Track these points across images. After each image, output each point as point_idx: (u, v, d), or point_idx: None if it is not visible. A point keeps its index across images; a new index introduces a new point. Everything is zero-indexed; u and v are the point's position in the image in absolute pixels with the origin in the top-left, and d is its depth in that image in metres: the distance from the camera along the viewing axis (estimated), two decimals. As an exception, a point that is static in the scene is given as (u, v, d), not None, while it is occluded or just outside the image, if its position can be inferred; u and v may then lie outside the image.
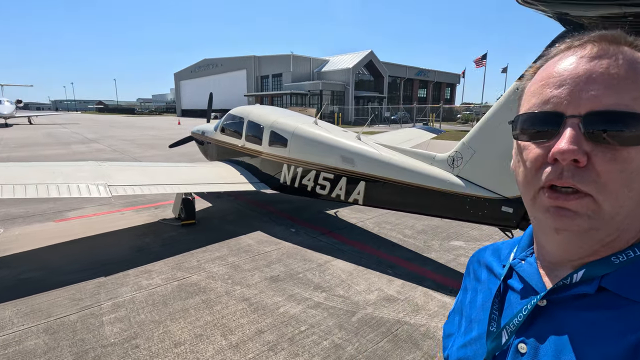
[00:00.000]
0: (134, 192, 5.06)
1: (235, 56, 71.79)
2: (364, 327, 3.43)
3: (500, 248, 0.86)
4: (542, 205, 0.60)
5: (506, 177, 3.85)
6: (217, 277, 4.42)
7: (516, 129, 0.65)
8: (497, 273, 0.80)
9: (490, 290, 0.77)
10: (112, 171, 5.49)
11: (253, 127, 6.96)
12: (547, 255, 0.67)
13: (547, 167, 0.59)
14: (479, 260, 0.89)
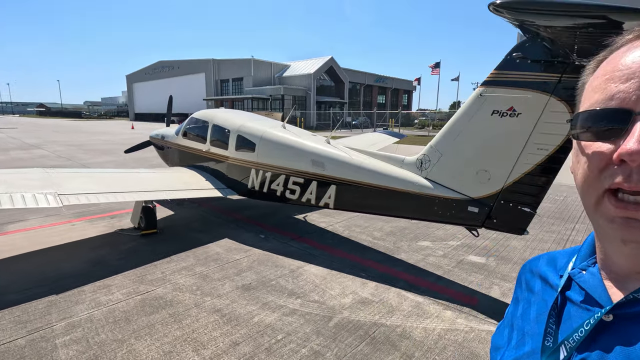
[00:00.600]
0: (88, 201, 4.66)
1: (193, 59, 69.72)
2: (341, 332, 3.40)
3: (556, 257, 0.80)
4: (608, 214, 0.54)
5: (471, 178, 4.02)
6: (184, 289, 4.18)
7: (576, 127, 0.60)
8: (554, 284, 0.74)
9: (546, 302, 0.72)
10: (62, 179, 5.03)
11: (218, 131, 6.74)
12: (614, 266, 0.61)
13: (612, 170, 0.53)
14: (531, 270, 0.83)
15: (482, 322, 3.58)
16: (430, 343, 3.24)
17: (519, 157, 3.67)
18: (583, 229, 6.54)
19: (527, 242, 5.80)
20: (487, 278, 4.56)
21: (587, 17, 2.20)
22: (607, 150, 0.54)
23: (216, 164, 6.79)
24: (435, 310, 3.79)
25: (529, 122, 3.55)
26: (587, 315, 0.61)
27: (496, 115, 3.71)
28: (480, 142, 3.89)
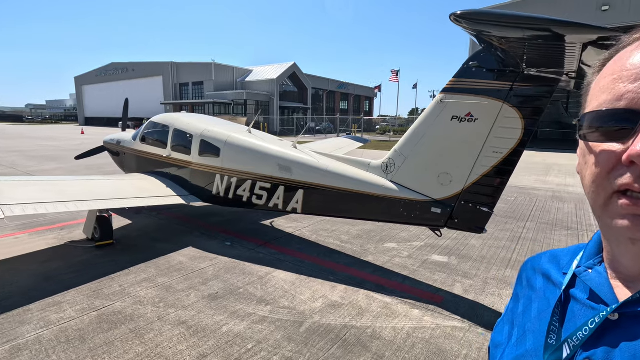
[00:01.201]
0: (35, 212, 4.28)
1: (150, 61, 66.93)
2: (313, 337, 3.38)
3: (559, 255, 0.80)
4: (617, 212, 0.54)
5: (434, 180, 4.19)
6: (146, 302, 3.95)
7: (583, 127, 0.59)
8: (557, 281, 0.73)
9: (548, 300, 0.72)
10: (4, 187, 4.59)
11: (180, 136, 6.50)
12: (621, 265, 0.61)
13: (621, 170, 0.53)
14: (533, 267, 0.83)
15: (447, 319, 3.73)
16: (400, 342, 3.32)
17: (477, 160, 3.88)
18: (533, 227, 7.04)
19: (485, 240, 6.14)
20: (449, 276, 4.76)
21: (534, 30, 2.41)
22: (616, 151, 0.53)
23: (178, 170, 6.54)
24: (403, 310, 3.89)
25: (485, 127, 3.77)
26: (592, 313, 0.61)
27: (455, 121, 3.91)
28: (442, 145, 4.07)
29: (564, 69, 3.12)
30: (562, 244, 6.04)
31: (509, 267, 5.08)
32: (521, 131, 3.63)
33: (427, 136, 4.17)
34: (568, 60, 2.82)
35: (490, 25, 2.50)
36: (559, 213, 8.14)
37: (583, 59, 2.54)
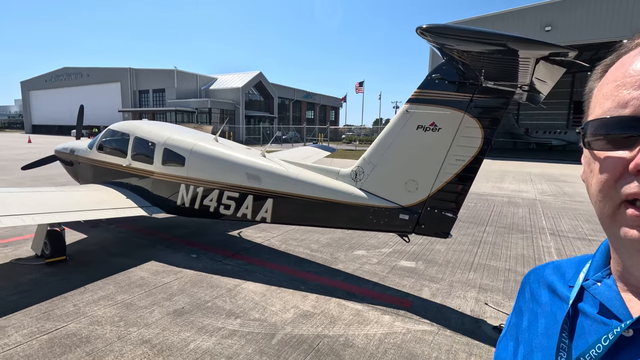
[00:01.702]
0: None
1: (107, 67, 63.81)
2: (285, 348, 3.31)
3: (563, 266, 0.76)
4: (625, 223, 0.53)
5: (401, 187, 4.30)
6: (104, 322, 3.69)
7: (586, 136, 0.58)
8: (563, 295, 0.70)
9: (555, 315, 0.68)
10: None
11: (142, 144, 6.22)
12: (632, 277, 0.58)
13: (628, 179, 0.51)
14: (537, 279, 0.79)
15: (417, 323, 3.81)
16: (372, 349, 3.34)
17: (441, 168, 4.04)
18: (492, 230, 7.43)
19: (449, 245, 6.38)
20: (417, 281, 4.88)
21: (492, 45, 2.58)
22: (623, 159, 0.52)
23: (139, 180, 6.23)
24: (374, 316, 3.92)
25: (448, 136, 3.95)
26: (603, 329, 0.58)
27: (420, 130, 4.06)
28: (408, 154, 4.20)
29: (518, 82, 3.35)
30: (518, 247, 6.41)
31: (472, 270, 5.30)
32: (481, 140, 3.84)
33: (394, 145, 4.29)
34: (522, 74, 3.04)
35: (452, 39, 2.64)
36: (514, 217, 8.65)
37: (535, 74, 2.75)
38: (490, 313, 4.04)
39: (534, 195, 11.74)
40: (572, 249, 6.38)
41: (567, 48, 2.19)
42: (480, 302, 4.31)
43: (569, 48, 2.19)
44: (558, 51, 2.21)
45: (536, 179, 15.76)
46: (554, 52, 2.22)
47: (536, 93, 3.52)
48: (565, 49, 2.21)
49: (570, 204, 10.39)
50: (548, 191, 12.69)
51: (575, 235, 7.25)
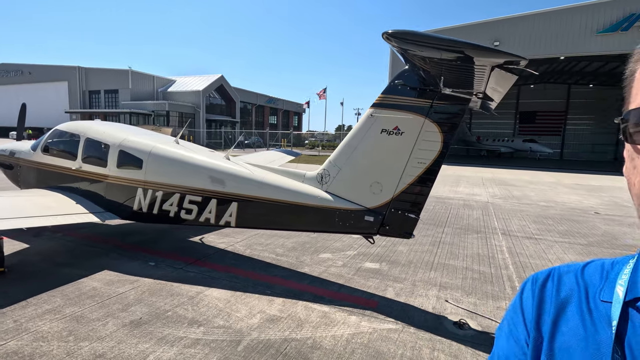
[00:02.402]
0: None
1: (53, 64, 59.35)
2: (252, 354, 3.23)
3: (589, 274, 0.63)
4: None
5: (366, 190, 4.39)
6: (50, 337, 3.38)
7: (628, 127, 0.50)
8: (600, 312, 0.57)
9: (596, 340, 0.55)
10: None
11: (94, 146, 5.83)
12: None
13: None
14: (550, 299, 0.64)
15: (383, 322, 3.88)
16: (340, 349, 3.35)
17: (404, 170, 4.18)
18: (450, 231, 7.79)
19: (410, 246, 6.59)
20: (382, 281, 4.99)
21: (452, 51, 2.73)
22: None
23: (90, 184, 5.83)
24: (341, 318, 3.94)
25: (410, 140, 4.10)
26: None
27: (384, 134, 4.19)
28: (373, 157, 4.31)
29: (474, 90, 3.57)
30: (474, 246, 6.77)
31: (432, 269, 5.51)
32: (441, 144, 4.03)
33: (359, 148, 4.38)
34: (477, 82, 3.25)
35: (416, 45, 2.76)
36: (469, 219, 9.14)
37: (490, 82, 2.95)
38: (450, 309, 4.22)
39: (486, 199, 12.48)
40: (522, 247, 6.85)
41: (520, 56, 2.38)
42: (441, 299, 4.49)
43: (521, 57, 2.38)
44: (512, 59, 2.39)
45: (488, 183, 16.79)
46: (508, 59, 2.41)
47: (489, 101, 3.78)
48: (518, 57, 2.40)
49: (519, 206, 11.18)
50: (499, 194, 13.56)
51: (523, 234, 7.79)
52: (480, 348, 3.43)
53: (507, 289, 4.87)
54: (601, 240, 7.52)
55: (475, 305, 4.33)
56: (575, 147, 43.82)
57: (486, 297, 4.57)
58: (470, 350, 3.40)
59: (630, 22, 24.03)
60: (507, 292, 4.77)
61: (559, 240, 7.38)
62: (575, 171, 25.11)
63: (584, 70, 35.77)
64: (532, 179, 19.14)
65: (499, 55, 2.41)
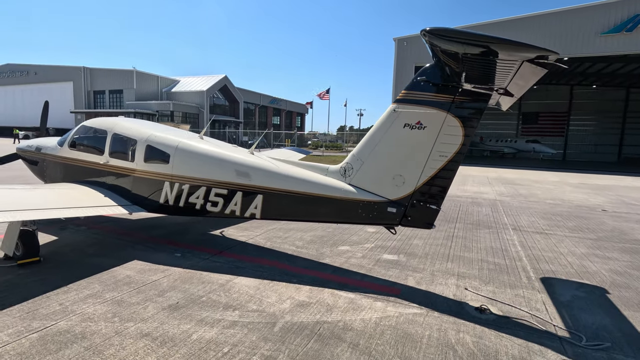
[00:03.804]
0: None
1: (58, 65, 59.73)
2: (288, 335, 3.42)
3: None
4: None
5: (389, 182, 4.58)
6: (96, 318, 3.58)
7: None
8: None
9: None
10: None
11: (121, 141, 6.03)
12: None
13: None
14: None
15: (408, 307, 4.06)
16: (370, 331, 3.54)
17: (426, 163, 4.37)
18: (462, 227, 7.96)
19: (425, 240, 6.77)
20: (402, 271, 5.17)
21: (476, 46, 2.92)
22: None
23: (117, 178, 6.04)
24: (368, 303, 4.13)
25: (432, 134, 4.29)
26: None
27: (407, 128, 4.38)
28: (395, 150, 4.50)
29: (495, 86, 3.76)
30: (486, 240, 6.95)
31: (449, 260, 5.70)
32: (462, 137, 4.21)
33: (382, 142, 4.57)
34: (501, 77, 3.43)
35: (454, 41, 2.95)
36: (479, 215, 9.31)
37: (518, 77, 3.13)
38: (470, 297, 4.40)
39: (493, 196, 12.65)
40: (533, 241, 7.02)
41: (552, 51, 2.56)
42: (460, 287, 4.67)
43: (553, 51, 2.56)
44: (544, 53, 2.58)
45: (494, 182, 16.95)
46: (540, 54, 2.59)
47: (509, 96, 3.96)
48: (550, 51, 2.58)
49: (527, 204, 11.34)
50: (506, 192, 13.72)
51: (533, 230, 7.96)
52: (503, 331, 3.61)
53: (523, 278, 5.05)
54: (610, 235, 7.69)
55: (494, 293, 4.51)
56: (578, 147, 43.91)
57: (504, 286, 4.75)
58: (494, 332, 3.58)
59: (635, 23, 24.16)
60: (524, 281, 4.95)
61: (569, 235, 7.55)
62: (579, 171, 25.23)
63: (587, 72, 35.85)
64: (538, 178, 19.30)
65: (531, 50, 2.60)
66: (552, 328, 3.71)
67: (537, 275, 5.21)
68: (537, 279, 5.07)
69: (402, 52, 30.79)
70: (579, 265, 5.71)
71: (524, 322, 3.82)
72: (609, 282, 5.02)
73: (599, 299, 4.50)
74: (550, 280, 5.03)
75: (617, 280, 5.13)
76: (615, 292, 4.69)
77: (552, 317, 3.93)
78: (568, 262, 5.85)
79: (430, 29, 2.73)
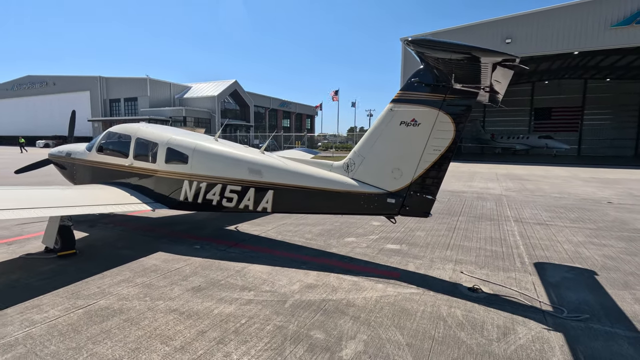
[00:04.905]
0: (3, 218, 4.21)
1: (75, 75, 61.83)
2: (297, 310, 3.87)
3: None
4: None
5: (388, 176, 4.99)
6: (130, 298, 4.10)
7: None
8: None
9: None
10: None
11: (144, 145, 6.61)
12: None
13: None
14: None
15: (406, 288, 4.47)
16: (371, 306, 3.96)
17: (421, 157, 4.77)
18: (464, 220, 8.29)
19: (427, 231, 7.14)
20: (403, 258, 5.57)
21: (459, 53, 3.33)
22: None
23: (140, 178, 6.61)
24: (369, 285, 4.55)
25: (426, 130, 4.69)
26: None
27: (403, 125, 4.79)
28: (393, 146, 4.91)
29: (481, 84, 4.15)
30: (487, 231, 7.28)
31: (448, 249, 6.07)
32: (453, 132, 4.60)
33: (381, 139, 5.00)
34: (483, 77, 3.83)
35: (431, 49, 3.39)
36: (483, 209, 9.61)
37: (494, 77, 3.53)
38: (465, 279, 4.78)
39: (499, 192, 12.87)
40: (533, 231, 7.32)
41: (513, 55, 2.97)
42: (456, 271, 5.05)
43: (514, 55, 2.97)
44: (507, 57, 2.99)
45: (502, 178, 17.10)
46: (505, 58, 3.00)
47: (495, 93, 4.34)
48: (512, 55, 2.99)
49: (532, 198, 11.55)
50: (512, 188, 13.91)
51: (535, 221, 8.23)
52: (492, 306, 3.99)
53: (517, 263, 5.39)
54: (611, 225, 7.90)
55: (488, 276, 4.87)
56: (594, 142, 43.18)
57: (497, 270, 5.11)
58: (483, 307, 3.96)
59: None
60: (517, 265, 5.29)
61: (569, 226, 7.80)
62: (593, 166, 25.00)
63: (600, 65, 35.38)
64: (547, 174, 19.32)
65: (496, 55, 3.00)
66: (537, 304, 4.07)
67: (531, 260, 5.54)
68: (530, 263, 5.40)
69: (409, 52, 31.03)
70: (573, 251, 6.01)
71: (512, 299, 4.19)
72: (600, 266, 5.32)
73: (587, 280, 4.82)
74: (543, 265, 5.36)
75: (608, 264, 5.42)
76: (604, 274, 4.99)
77: (539, 295, 4.29)
78: (564, 249, 6.15)
79: (412, 39, 3.16)
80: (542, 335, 3.40)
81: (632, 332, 3.50)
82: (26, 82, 67.04)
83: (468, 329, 3.51)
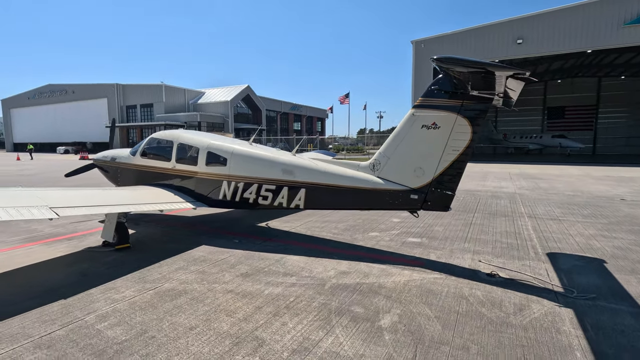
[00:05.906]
0: (82, 214, 4.90)
1: (93, 83, 63.84)
2: (336, 290, 4.44)
3: None
4: None
5: (411, 174, 5.53)
6: (190, 282, 4.73)
7: None
8: None
9: None
10: (53, 194, 5.16)
11: (185, 149, 7.29)
12: None
13: None
14: None
15: (430, 274, 5.00)
16: (400, 288, 4.51)
17: (441, 157, 5.30)
18: (480, 216, 8.75)
19: (445, 227, 7.64)
20: (425, 250, 6.09)
21: (476, 68, 3.88)
22: None
23: (182, 180, 7.28)
24: (397, 271, 5.10)
25: (446, 132, 5.22)
26: None
27: (425, 129, 5.33)
28: (415, 147, 5.46)
29: (495, 91, 4.67)
30: (502, 225, 7.73)
31: (466, 241, 6.56)
32: (470, 134, 5.13)
33: (404, 141, 5.55)
34: (497, 85, 4.36)
35: (452, 64, 3.94)
36: (497, 206, 10.03)
37: (507, 85, 4.07)
38: (483, 266, 5.28)
39: (513, 190, 13.23)
40: (546, 225, 7.74)
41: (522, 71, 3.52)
42: (475, 260, 5.55)
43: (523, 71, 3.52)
44: (517, 72, 3.53)
45: (515, 177, 17.39)
46: (516, 72, 3.54)
47: (508, 98, 4.86)
48: (522, 71, 3.53)
49: (546, 196, 11.90)
50: (526, 186, 14.24)
51: (548, 217, 8.64)
52: (509, 288, 4.49)
53: (531, 253, 5.86)
54: (622, 220, 8.26)
55: (504, 264, 5.36)
56: (609, 141, 42.72)
57: (513, 259, 5.59)
58: (501, 289, 4.47)
59: (658, 13, 23.83)
60: (531, 255, 5.76)
61: (581, 221, 8.19)
62: (608, 165, 24.96)
63: (615, 63, 35.16)
64: (561, 173, 19.50)
65: (508, 70, 3.55)
66: (549, 286, 4.55)
67: (544, 251, 6.00)
68: (543, 253, 5.86)
69: (420, 54, 31.46)
70: (585, 243, 6.44)
71: (527, 283, 4.68)
72: (609, 255, 5.75)
73: (597, 267, 5.27)
74: (555, 255, 5.81)
75: (617, 253, 5.84)
76: (612, 262, 5.43)
77: (551, 279, 4.77)
78: (575, 241, 6.58)
79: (438, 57, 3.73)
80: (553, 311, 3.90)
81: (635, 309, 3.96)
82: (47, 91, 69.47)
83: (488, 305, 4.03)
